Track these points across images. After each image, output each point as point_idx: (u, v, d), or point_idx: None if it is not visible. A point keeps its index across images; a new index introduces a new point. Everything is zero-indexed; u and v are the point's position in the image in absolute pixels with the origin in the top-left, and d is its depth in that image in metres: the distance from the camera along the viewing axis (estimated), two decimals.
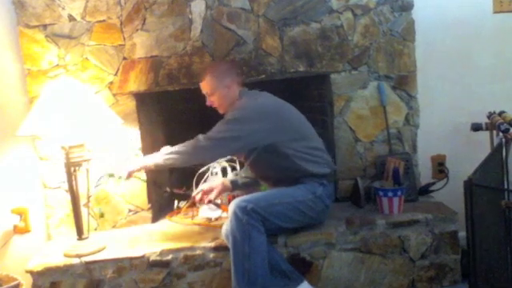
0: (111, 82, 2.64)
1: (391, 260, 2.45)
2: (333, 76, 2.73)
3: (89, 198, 2.51)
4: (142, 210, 2.72)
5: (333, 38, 2.70)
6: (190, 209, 2.78)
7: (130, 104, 2.67)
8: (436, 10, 2.79)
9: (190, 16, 2.63)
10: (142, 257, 2.36)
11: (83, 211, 2.44)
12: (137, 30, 2.61)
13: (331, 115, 2.77)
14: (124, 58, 2.63)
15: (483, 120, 2.65)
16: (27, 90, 2.60)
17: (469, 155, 2.39)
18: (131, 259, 2.36)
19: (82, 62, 2.61)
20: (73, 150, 2.34)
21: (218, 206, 2.58)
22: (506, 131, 2.36)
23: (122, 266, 2.35)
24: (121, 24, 2.60)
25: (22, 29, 2.57)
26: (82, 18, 2.59)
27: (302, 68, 2.71)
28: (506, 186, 2.33)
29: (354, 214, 2.59)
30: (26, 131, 2.28)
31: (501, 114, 2.56)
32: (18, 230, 2.46)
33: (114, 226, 2.70)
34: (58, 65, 2.60)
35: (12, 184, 2.46)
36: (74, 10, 2.58)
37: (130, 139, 2.68)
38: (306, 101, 2.97)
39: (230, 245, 2.22)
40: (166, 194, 2.58)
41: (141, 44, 2.62)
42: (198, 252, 2.37)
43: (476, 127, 2.65)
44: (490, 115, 2.62)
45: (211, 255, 2.37)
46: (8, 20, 2.55)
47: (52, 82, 2.52)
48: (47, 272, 2.32)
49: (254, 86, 2.68)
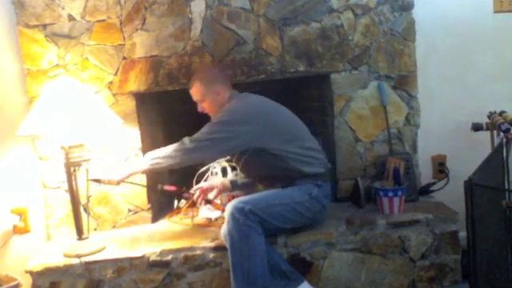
0: (111, 82, 2.64)
1: (391, 260, 2.45)
2: (333, 76, 2.73)
3: (88, 198, 2.51)
4: (142, 210, 2.72)
5: (333, 38, 2.69)
6: (189, 209, 2.77)
7: (130, 104, 2.66)
8: (436, 10, 2.79)
9: (189, 16, 2.62)
10: (142, 257, 2.35)
11: (83, 211, 2.44)
12: (137, 29, 2.61)
13: (331, 115, 2.77)
14: (124, 58, 2.62)
15: (484, 120, 2.64)
16: (27, 90, 2.60)
17: (469, 155, 2.38)
18: (131, 259, 2.35)
19: (81, 61, 2.61)
20: (72, 150, 2.34)
21: (209, 202, 2.58)
22: (506, 131, 2.36)
23: (121, 266, 2.35)
24: (121, 24, 2.60)
25: (21, 28, 2.56)
26: (82, 17, 2.58)
27: (302, 68, 2.70)
28: (506, 186, 2.33)
29: (354, 214, 2.59)
30: (26, 131, 2.28)
31: (501, 113, 2.56)
32: (17, 230, 2.45)
33: (113, 226, 2.70)
34: (57, 65, 2.60)
35: (12, 184, 2.46)
36: (74, 9, 2.57)
37: (130, 139, 2.67)
38: (306, 101, 2.97)
39: (228, 246, 2.22)
40: (159, 190, 2.56)
41: (141, 44, 2.61)
42: (198, 252, 2.37)
43: (476, 127, 2.65)
44: (490, 115, 2.62)
45: (211, 255, 2.37)
46: (7, 20, 2.54)
47: (52, 82, 2.51)
48: (47, 272, 2.32)
49: (254, 85, 2.69)
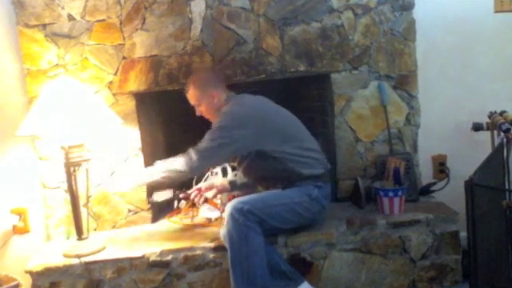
0: (111, 82, 2.63)
1: (392, 260, 2.44)
2: (333, 76, 2.73)
3: (88, 198, 2.51)
4: (142, 210, 2.72)
5: (333, 38, 2.69)
6: (189, 209, 2.77)
7: (130, 104, 2.66)
8: (437, 10, 2.78)
9: (189, 15, 2.62)
10: (142, 257, 2.35)
11: (83, 211, 2.43)
12: (136, 29, 2.60)
13: (332, 115, 2.77)
14: (124, 58, 2.62)
15: (484, 120, 2.64)
16: (27, 90, 2.59)
17: (470, 155, 2.37)
18: (131, 259, 2.35)
19: (81, 61, 2.60)
20: (72, 150, 2.33)
21: (207, 201, 2.59)
22: (507, 131, 2.36)
23: (121, 267, 2.34)
24: (120, 23, 2.59)
25: (21, 28, 2.56)
26: (82, 17, 2.58)
27: (302, 68, 2.70)
28: (507, 186, 2.33)
29: (354, 214, 2.58)
30: (26, 131, 2.27)
31: (502, 113, 2.56)
32: (17, 230, 2.45)
33: (113, 227, 2.70)
34: (57, 64, 2.59)
35: (11, 184, 2.46)
36: (74, 9, 2.57)
37: (130, 139, 2.67)
38: (306, 100, 2.96)
39: (227, 246, 2.22)
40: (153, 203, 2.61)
41: (140, 43, 2.61)
42: (198, 252, 2.37)
43: (477, 127, 2.64)
44: (491, 115, 2.61)
45: (211, 255, 2.37)
46: (7, 19, 2.54)
47: (51, 82, 2.51)
48: (47, 272, 2.32)
49: (254, 85, 2.68)
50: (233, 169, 2.74)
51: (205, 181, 2.71)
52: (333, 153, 2.75)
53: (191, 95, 2.45)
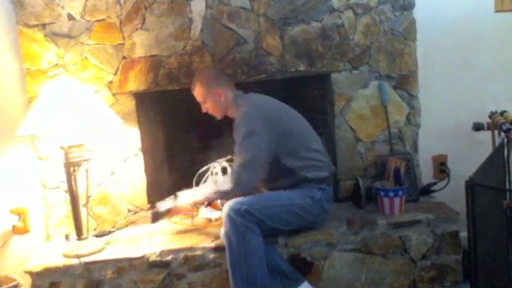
0: (111, 82, 2.63)
1: (392, 260, 2.44)
2: (333, 75, 2.72)
3: (88, 198, 2.51)
4: (142, 210, 2.71)
5: (333, 38, 2.68)
6: (189, 209, 2.76)
7: (130, 104, 2.66)
8: (437, 9, 2.78)
9: (189, 15, 2.62)
10: (142, 257, 2.35)
11: (82, 211, 2.43)
12: (136, 29, 2.60)
13: (332, 115, 2.76)
14: (123, 58, 2.61)
15: (485, 120, 2.63)
16: (26, 90, 2.59)
17: (470, 155, 2.38)
18: (131, 260, 2.35)
19: (81, 61, 2.60)
20: (72, 150, 2.33)
21: (209, 204, 2.60)
22: (507, 131, 2.35)
23: (121, 267, 2.34)
24: (120, 23, 2.59)
25: (21, 28, 2.56)
26: (82, 17, 2.57)
27: (302, 67, 2.70)
28: (507, 186, 2.32)
29: (354, 214, 2.58)
30: (25, 131, 2.27)
31: (502, 113, 2.55)
32: (16, 231, 2.45)
33: (113, 227, 2.69)
34: (57, 64, 2.59)
35: (11, 184, 2.45)
36: (74, 9, 2.57)
37: (130, 139, 2.67)
38: (306, 100, 2.96)
39: (226, 247, 2.21)
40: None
41: (140, 43, 2.61)
42: (198, 252, 2.36)
43: (477, 127, 2.64)
44: (491, 115, 2.61)
45: (211, 256, 2.36)
46: (7, 19, 2.54)
47: (51, 82, 2.51)
48: (46, 272, 2.31)
49: (254, 85, 2.68)
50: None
51: (205, 181, 2.71)
52: (333, 153, 2.75)
53: (197, 93, 2.44)
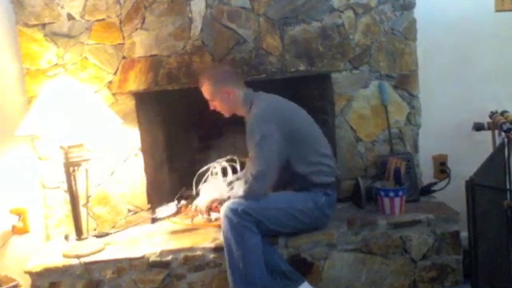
0: (110, 82, 2.62)
1: (392, 260, 2.44)
2: (334, 75, 2.72)
3: (88, 198, 2.50)
4: (142, 210, 2.71)
5: (334, 37, 2.68)
6: (189, 209, 2.76)
7: (130, 103, 2.65)
8: (437, 9, 2.77)
9: (189, 15, 2.61)
10: (142, 257, 2.35)
11: (82, 211, 2.43)
12: (136, 28, 2.59)
13: (332, 115, 2.76)
14: (123, 57, 2.61)
15: (485, 119, 2.63)
16: (26, 90, 2.58)
17: (471, 155, 2.38)
18: (131, 260, 2.34)
19: (81, 61, 2.59)
20: (72, 150, 2.33)
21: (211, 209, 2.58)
22: (508, 131, 2.35)
23: (121, 267, 2.34)
24: (120, 23, 2.58)
25: (20, 28, 2.55)
26: (81, 16, 2.57)
27: (302, 67, 2.69)
28: (507, 186, 2.32)
29: (355, 214, 2.58)
30: (25, 131, 2.27)
31: (503, 113, 2.55)
32: (16, 231, 2.45)
33: (113, 227, 2.69)
34: (56, 64, 2.58)
35: (11, 184, 2.45)
36: (73, 8, 2.56)
37: (130, 139, 2.66)
38: (306, 100, 2.95)
39: (224, 247, 2.21)
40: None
41: (140, 43, 2.60)
42: (198, 253, 2.36)
43: (478, 127, 2.64)
44: (492, 115, 2.61)
45: (211, 256, 2.36)
46: (6, 19, 2.53)
47: (51, 82, 2.50)
48: (46, 273, 2.31)
49: (254, 85, 2.67)
50: (233, 169, 2.73)
51: (205, 181, 2.70)
52: (333, 153, 2.74)
53: (205, 90, 2.39)
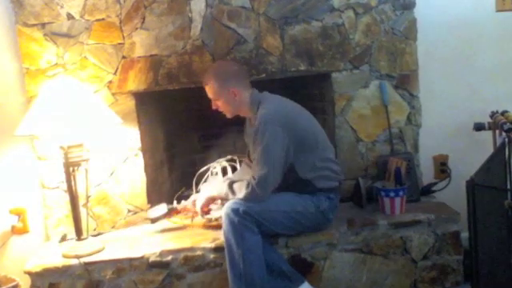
0: (110, 81, 2.62)
1: (393, 261, 2.43)
2: (334, 75, 2.72)
3: (88, 198, 2.50)
4: (142, 210, 2.70)
5: (334, 37, 2.68)
6: (189, 209, 2.75)
7: (130, 103, 2.65)
8: (438, 9, 2.77)
9: (189, 14, 2.61)
10: (142, 257, 2.34)
11: (82, 211, 2.42)
12: (136, 28, 2.59)
13: (332, 115, 2.76)
14: (123, 57, 2.60)
15: (486, 119, 2.62)
16: (25, 89, 2.57)
17: (471, 155, 2.38)
18: (130, 260, 2.34)
19: (80, 60, 2.59)
20: (71, 150, 2.32)
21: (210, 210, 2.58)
22: (508, 131, 2.34)
23: (121, 267, 2.33)
24: (120, 22, 2.58)
25: (20, 27, 2.54)
26: (81, 16, 2.56)
27: (302, 67, 2.69)
28: (508, 186, 2.31)
29: (355, 214, 2.57)
30: (25, 131, 2.26)
31: (503, 113, 2.54)
32: (16, 231, 2.45)
33: (113, 227, 2.68)
34: (56, 64, 2.58)
35: (10, 184, 2.45)
36: (73, 8, 2.56)
37: (130, 139, 2.66)
38: (306, 100, 2.94)
39: (225, 247, 2.21)
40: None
41: (140, 43, 2.60)
42: (198, 253, 2.36)
43: (478, 127, 2.63)
44: (492, 115, 2.60)
45: (211, 256, 2.35)
46: (6, 19, 2.53)
47: (50, 81, 2.49)
48: (46, 273, 2.30)
49: (254, 85, 2.67)
50: (233, 169, 2.73)
51: (205, 181, 2.70)
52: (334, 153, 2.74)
53: (209, 89, 2.31)
